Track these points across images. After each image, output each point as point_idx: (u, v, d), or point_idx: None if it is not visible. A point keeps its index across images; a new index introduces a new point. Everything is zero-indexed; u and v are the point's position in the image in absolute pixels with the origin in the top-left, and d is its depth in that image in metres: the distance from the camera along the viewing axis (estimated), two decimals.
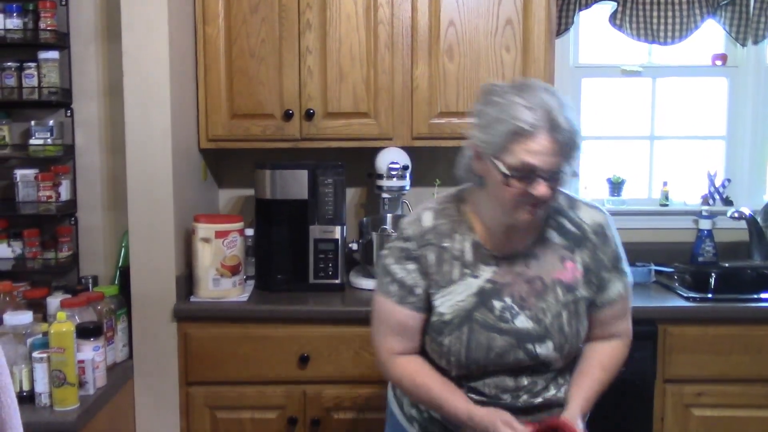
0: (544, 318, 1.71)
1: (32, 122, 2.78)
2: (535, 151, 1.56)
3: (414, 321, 1.76)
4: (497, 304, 1.71)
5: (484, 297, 1.71)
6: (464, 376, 1.75)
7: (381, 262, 1.82)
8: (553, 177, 1.59)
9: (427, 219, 1.77)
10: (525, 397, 1.74)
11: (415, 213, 1.82)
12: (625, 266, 1.84)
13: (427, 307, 1.76)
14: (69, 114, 2.88)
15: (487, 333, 1.70)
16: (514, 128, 1.55)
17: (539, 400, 1.75)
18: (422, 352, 1.81)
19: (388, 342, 1.80)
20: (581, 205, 1.81)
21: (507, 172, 1.58)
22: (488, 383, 1.74)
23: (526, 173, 1.58)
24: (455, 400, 1.72)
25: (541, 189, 1.59)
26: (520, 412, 1.72)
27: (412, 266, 1.74)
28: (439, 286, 1.73)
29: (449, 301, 1.72)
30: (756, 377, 2.64)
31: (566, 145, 1.58)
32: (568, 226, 1.77)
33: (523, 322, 1.71)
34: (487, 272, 1.73)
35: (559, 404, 1.76)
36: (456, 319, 1.71)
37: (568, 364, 1.80)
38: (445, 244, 1.74)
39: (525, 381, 1.74)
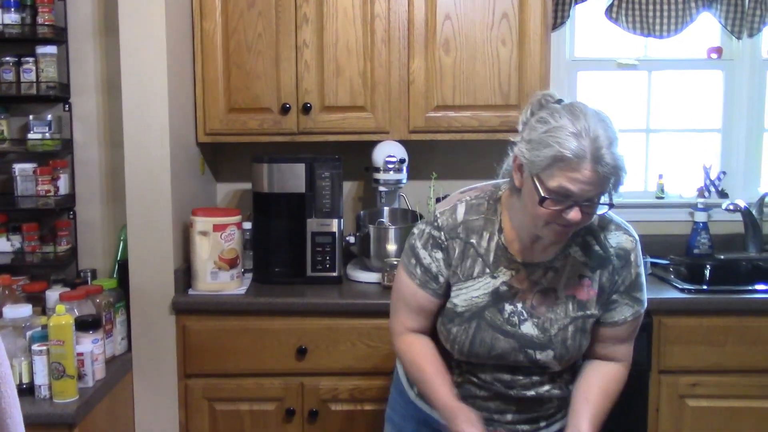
0: (550, 328, 1.74)
1: (30, 117, 2.80)
2: (576, 179, 1.54)
3: (432, 305, 1.81)
4: (508, 307, 1.75)
5: (497, 298, 1.74)
6: (465, 362, 1.81)
7: (410, 242, 1.84)
8: (589, 205, 1.60)
9: (461, 212, 1.78)
10: (518, 389, 1.79)
11: (451, 202, 1.81)
12: (642, 296, 1.82)
13: (447, 294, 1.80)
14: (67, 108, 2.89)
15: (493, 333, 1.74)
16: (559, 155, 1.54)
17: (531, 393, 1.79)
18: (433, 332, 1.87)
19: (403, 317, 1.86)
20: (612, 227, 1.79)
21: (544, 194, 1.58)
22: (486, 371, 1.79)
23: (563, 198, 1.58)
24: (439, 387, 1.77)
25: (574, 215, 1.59)
26: (512, 401, 1.78)
27: (439, 255, 1.78)
28: (459, 278, 1.77)
29: (465, 295, 1.76)
30: (750, 368, 2.66)
31: (607, 179, 1.56)
32: (594, 246, 1.77)
33: (528, 328, 1.74)
34: (505, 275, 1.75)
35: (550, 399, 1.82)
36: (467, 312, 1.75)
37: (566, 368, 1.83)
38: (472, 240, 1.75)
39: (521, 377, 1.78)
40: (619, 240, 1.77)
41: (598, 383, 1.80)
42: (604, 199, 1.60)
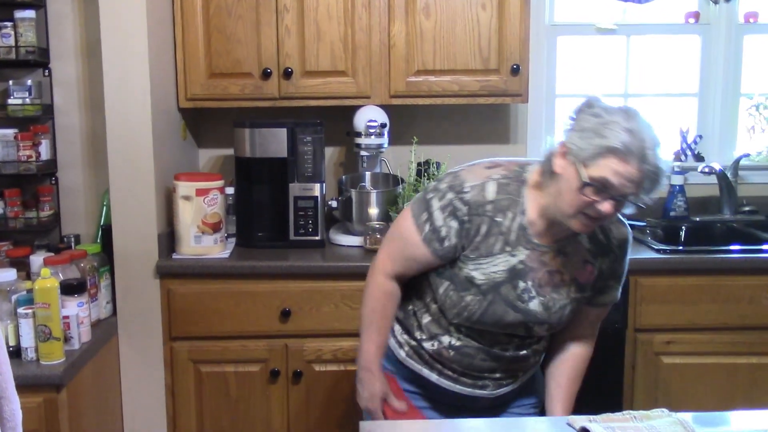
0: (552, 307, 1.84)
1: (10, 82, 2.78)
2: (620, 172, 1.61)
3: (426, 261, 1.85)
4: (521, 284, 1.82)
5: (513, 275, 1.81)
6: (465, 327, 1.86)
7: (426, 196, 1.85)
8: (623, 200, 1.67)
9: (491, 191, 1.79)
10: (512, 350, 1.89)
11: (478, 176, 1.82)
12: (623, 278, 1.95)
13: (445, 259, 1.83)
14: (47, 74, 2.88)
15: (505, 306, 1.81)
16: (610, 145, 1.60)
17: (521, 353, 1.90)
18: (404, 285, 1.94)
19: (392, 258, 1.89)
20: (615, 219, 1.88)
21: (587, 180, 1.63)
22: (485, 336, 1.87)
23: (602, 189, 1.64)
24: (372, 341, 1.89)
25: (607, 207, 1.65)
26: (503, 360, 1.89)
27: (453, 224, 1.79)
28: (480, 254, 1.80)
29: (485, 270, 1.80)
30: (722, 325, 2.73)
31: (648, 180, 1.63)
32: (599, 234, 1.86)
33: (535, 305, 1.83)
34: (522, 254, 1.80)
35: (533, 355, 1.94)
36: (484, 285, 1.80)
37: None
38: (498, 219, 1.79)
39: (516, 340, 1.89)
40: (620, 231, 1.89)
41: (569, 369, 1.97)
42: (636, 199, 1.67)
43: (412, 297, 1.95)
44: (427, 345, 1.91)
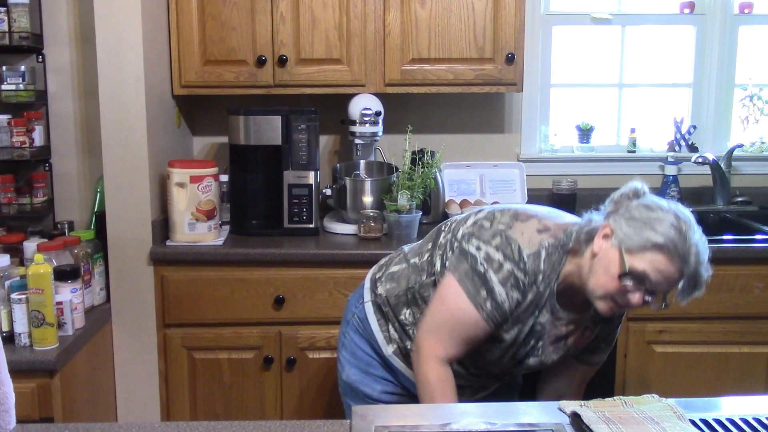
0: (546, 361, 1.88)
1: (3, 67, 2.78)
2: (661, 270, 1.61)
3: (486, 336, 1.79)
4: (532, 342, 1.83)
5: (531, 334, 1.81)
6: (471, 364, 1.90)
7: (478, 270, 1.75)
8: (653, 295, 1.67)
9: (543, 260, 1.74)
10: (485, 377, 1.96)
11: (535, 244, 1.75)
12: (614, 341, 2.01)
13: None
14: (41, 59, 2.87)
15: (509, 359, 1.85)
16: (658, 242, 1.61)
17: (495, 379, 1.99)
18: None
19: (441, 345, 1.78)
20: None
21: (627, 270, 1.63)
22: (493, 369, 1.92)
23: (640, 281, 1.63)
24: None
25: (637, 299, 1.65)
26: (477, 381, 1.95)
27: (516, 295, 1.74)
28: (516, 319, 1.78)
29: (513, 333, 1.80)
30: (714, 315, 2.75)
31: (685, 282, 1.65)
32: None
33: (534, 361, 1.86)
34: (544, 317, 1.80)
35: (510, 380, 2.07)
36: (506, 344, 1.81)
37: None
38: (541, 289, 1.76)
39: (499, 377, 1.97)
40: None
41: (577, 387, 2.01)
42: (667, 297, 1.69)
43: (412, 308, 1.93)
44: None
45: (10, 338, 2.27)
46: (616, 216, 1.69)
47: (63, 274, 2.37)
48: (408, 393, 1.97)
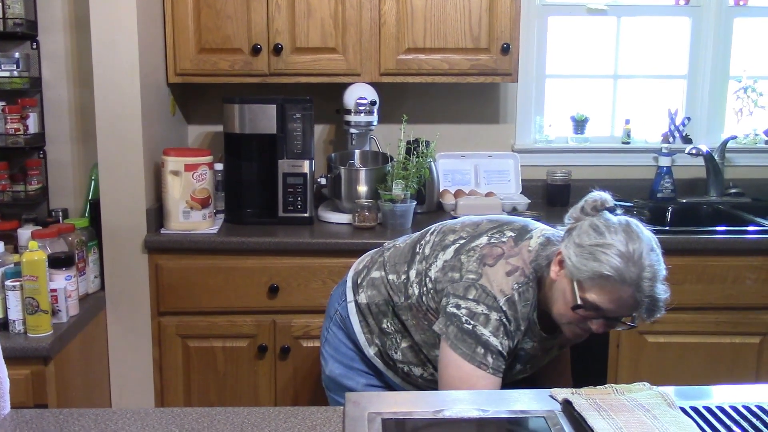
0: (534, 367, 1.89)
1: None
2: (613, 299, 1.58)
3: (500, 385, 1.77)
4: (518, 366, 1.83)
5: (516, 361, 1.81)
6: None
7: (468, 328, 1.71)
8: (616, 321, 1.65)
9: (518, 302, 1.72)
10: None
11: (507, 288, 1.72)
12: None
13: None
14: (35, 46, 2.86)
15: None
16: (604, 273, 1.56)
17: None
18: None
19: None
20: None
21: (579, 303, 1.61)
22: None
23: (593, 310, 1.62)
24: None
25: (596, 326, 1.64)
26: None
27: (507, 342, 1.71)
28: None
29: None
30: (706, 305, 2.76)
31: (643, 307, 1.60)
32: None
33: (519, 371, 1.86)
34: (528, 344, 1.79)
35: None
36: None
37: None
38: (523, 327, 1.75)
39: None
40: None
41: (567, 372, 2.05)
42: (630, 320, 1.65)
43: (393, 320, 1.92)
44: (400, 365, 1.91)
45: (4, 325, 2.28)
46: (569, 240, 1.65)
47: (57, 262, 2.37)
48: (391, 387, 1.98)
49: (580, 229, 1.65)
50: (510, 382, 1.85)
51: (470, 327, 1.70)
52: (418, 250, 1.92)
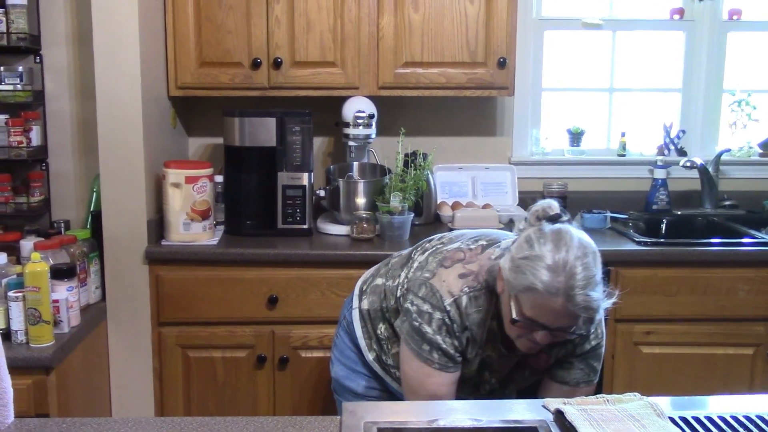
0: (509, 386, 1.90)
1: (1, 68, 2.80)
2: (547, 312, 1.58)
3: (454, 382, 1.80)
4: (486, 374, 1.85)
5: (483, 367, 1.83)
6: None
7: (416, 325, 1.76)
8: (561, 332, 1.63)
9: (465, 305, 1.74)
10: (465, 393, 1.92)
11: (455, 290, 1.75)
12: (598, 366, 1.88)
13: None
14: (38, 60, 2.90)
15: (474, 387, 1.87)
16: (532, 286, 1.56)
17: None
18: None
19: (428, 398, 1.78)
20: None
21: (516, 317, 1.62)
22: None
23: (532, 323, 1.61)
24: None
25: (542, 338, 1.63)
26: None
27: (450, 340, 1.75)
28: (465, 359, 1.81)
29: (465, 369, 1.82)
30: (700, 316, 2.79)
31: (579, 318, 1.58)
32: None
33: (493, 385, 1.88)
34: (489, 350, 1.81)
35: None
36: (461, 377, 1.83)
37: None
38: (475, 331, 1.77)
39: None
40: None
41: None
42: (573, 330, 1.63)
43: (386, 324, 1.95)
44: (392, 369, 1.95)
45: (6, 336, 2.30)
46: (508, 253, 1.66)
47: (59, 273, 2.39)
48: (390, 391, 2.01)
49: (518, 241, 1.66)
50: (490, 391, 1.88)
51: (417, 324, 1.76)
52: (413, 255, 1.97)
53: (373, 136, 3.06)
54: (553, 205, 1.70)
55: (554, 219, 1.67)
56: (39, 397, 2.27)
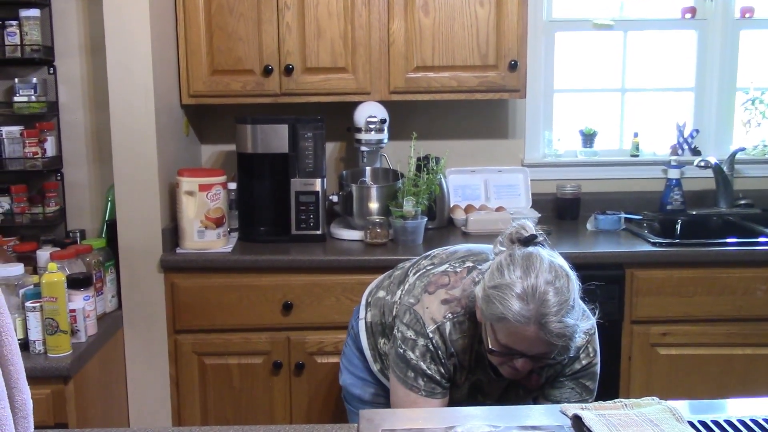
0: (506, 401, 1.85)
1: (16, 80, 2.83)
2: (521, 338, 1.55)
3: (446, 399, 1.79)
4: (480, 397, 1.85)
5: (472, 392, 1.83)
6: None
7: (401, 352, 1.77)
8: (539, 358, 1.60)
9: (449, 332, 1.73)
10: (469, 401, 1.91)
11: (438, 316, 1.75)
12: (593, 386, 1.83)
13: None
14: (52, 71, 2.92)
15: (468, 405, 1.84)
16: (502, 316, 1.54)
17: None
18: None
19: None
20: None
21: (491, 346, 1.61)
22: None
23: (509, 352, 1.59)
24: None
25: (522, 365, 1.61)
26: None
27: (435, 367, 1.74)
28: (454, 384, 1.81)
29: (455, 393, 1.82)
30: (717, 317, 2.78)
31: (555, 345, 1.55)
32: None
33: (492, 403, 1.86)
34: (479, 374, 1.80)
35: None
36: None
37: None
38: (461, 357, 1.76)
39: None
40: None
41: None
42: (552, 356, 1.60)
43: (386, 338, 1.95)
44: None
45: (24, 346, 2.31)
46: (482, 282, 1.63)
47: (76, 282, 2.41)
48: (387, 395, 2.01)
49: (491, 267, 1.63)
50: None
51: (401, 351, 1.76)
52: (409, 273, 1.97)
53: (385, 140, 3.06)
54: (527, 226, 1.67)
55: (528, 241, 1.64)
56: (57, 406, 2.28)
